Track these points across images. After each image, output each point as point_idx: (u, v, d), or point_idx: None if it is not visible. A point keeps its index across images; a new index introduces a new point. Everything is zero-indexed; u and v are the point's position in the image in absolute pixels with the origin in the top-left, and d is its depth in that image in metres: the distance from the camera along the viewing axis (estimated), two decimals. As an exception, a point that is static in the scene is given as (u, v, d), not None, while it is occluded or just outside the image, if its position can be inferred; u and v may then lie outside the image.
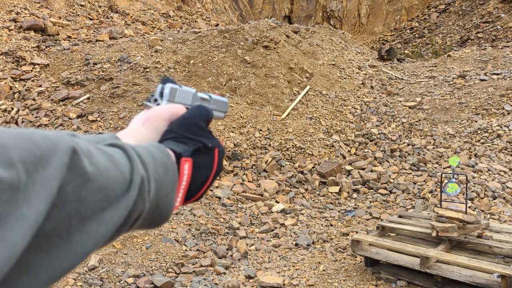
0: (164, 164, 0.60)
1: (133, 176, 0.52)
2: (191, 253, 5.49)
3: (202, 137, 0.70)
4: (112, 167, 0.50)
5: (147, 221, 0.58)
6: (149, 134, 0.71)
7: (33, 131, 0.43)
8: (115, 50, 11.39)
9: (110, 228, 0.49)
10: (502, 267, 3.96)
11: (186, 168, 0.65)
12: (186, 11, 20.81)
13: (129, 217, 0.52)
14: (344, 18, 27.58)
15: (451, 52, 14.39)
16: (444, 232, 4.57)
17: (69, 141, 0.45)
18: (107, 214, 0.48)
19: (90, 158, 0.48)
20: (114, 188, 0.49)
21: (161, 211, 0.60)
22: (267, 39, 11.57)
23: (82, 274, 4.89)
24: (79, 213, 0.45)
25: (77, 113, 9.14)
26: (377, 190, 7.78)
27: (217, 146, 0.72)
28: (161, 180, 0.58)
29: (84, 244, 0.46)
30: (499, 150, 8.09)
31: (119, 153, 0.54)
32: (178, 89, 0.79)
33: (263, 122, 9.31)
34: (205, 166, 0.69)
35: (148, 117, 0.72)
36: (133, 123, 0.73)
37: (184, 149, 0.67)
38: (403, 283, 4.63)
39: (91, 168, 0.47)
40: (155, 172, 0.57)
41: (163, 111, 0.73)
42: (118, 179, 0.50)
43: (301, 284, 4.85)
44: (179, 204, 0.65)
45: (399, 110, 10.41)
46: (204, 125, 0.72)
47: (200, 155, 0.69)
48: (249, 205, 7.03)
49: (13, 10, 13.94)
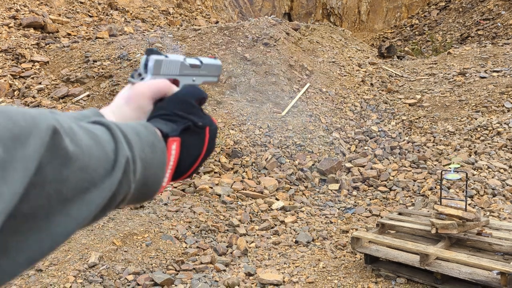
0: (150, 143, 0.58)
1: (118, 156, 0.51)
2: (191, 251, 5.50)
3: (192, 115, 0.68)
4: (95, 146, 0.48)
5: (133, 199, 0.57)
6: (133, 113, 0.68)
7: (12, 109, 0.41)
8: (115, 48, 11.38)
9: (92, 210, 0.47)
10: (501, 264, 3.96)
11: (173, 148, 0.63)
12: (186, 8, 20.77)
13: (114, 198, 0.51)
14: (344, 16, 27.54)
15: (451, 50, 14.38)
16: (444, 229, 4.57)
17: (50, 119, 0.43)
18: (90, 195, 0.47)
19: (73, 136, 0.46)
20: (97, 168, 0.47)
21: (148, 190, 0.58)
22: (267, 36, 11.55)
23: (82, 271, 4.90)
24: (61, 193, 0.43)
25: (77, 111, 9.13)
26: (377, 188, 7.78)
27: (208, 124, 0.69)
28: (147, 160, 0.57)
29: (65, 225, 0.45)
30: (499, 148, 8.09)
31: (103, 131, 0.52)
32: (164, 60, 0.74)
33: (263, 119, 9.30)
34: (195, 145, 0.67)
35: (130, 95, 0.70)
36: (117, 99, 0.70)
37: (172, 128, 0.65)
38: (403, 280, 4.64)
39: (73, 148, 0.45)
40: (141, 151, 0.56)
41: (146, 89, 0.70)
42: (101, 159, 0.48)
43: (301, 281, 4.85)
44: (166, 183, 0.63)
45: (399, 108, 10.41)
46: (194, 102, 0.70)
47: (189, 134, 0.67)
48: (249, 203, 7.04)
49: (12, 7, 13.92)
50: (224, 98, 9.91)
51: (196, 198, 6.90)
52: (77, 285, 4.68)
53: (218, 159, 7.99)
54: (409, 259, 4.58)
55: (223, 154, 8.12)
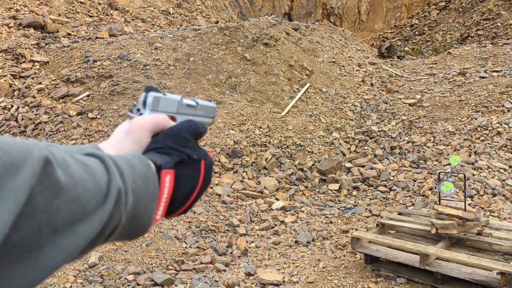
0: (143, 175, 0.58)
1: (110, 188, 0.50)
2: (191, 251, 5.50)
3: (187, 148, 0.68)
4: (88, 177, 0.48)
5: (124, 232, 0.56)
6: (131, 146, 0.68)
7: (5, 139, 0.42)
8: (115, 48, 11.38)
9: (82, 241, 0.47)
10: (501, 264, 3.96)
11: (167, 180, 0.63)
12: (186, 8, 20.77)
13: (104, 230, 0.50)
14: (344, 15, 27.54)
15: (451, 50, 14.38)
16: (444, 229, 4.57)
17: (42, 150, 0.44)
18: (80, 226, 0.46)
19: (66, 168, 0.46)
20: (89, 200, 0.48)
21: (139, 223, 0.58)
22: (267, 36, 11.55)
23: (82, 271, 4.90)
24: (51, 225, 0.43)
25: (77, 111, 9.13)
26: (377, 188, 7.78)
27: (203, 157, 0.69)
28: (139, 192, 0.56)
29: (54, 257, 0.44)
30: (499, 148, 8.09)
31: (97, 163, 0.52)
32: (162, 98, 0.76)
33: (263, 119, 9.30)
34: (190, 178, 0.67)
35: (130, 129, 0.70)
36: (115, 134, 0.71)
37: (166, 160, 0.65)
38: (403, 280, 4.64)
39: (65, 179, 0.45)
40: (133, 183, 0.55)
41: (145, 122, 0.70)
42: (94, 191, 0.48)
43: (301, 281, 4.85)
44: (160, 217, 0.63)
45: (399, 108, 10.41)
46: (189, 136, 0.70)
47: (184, 167, 0.66)
48: (249, 203, 7.04)
49: (12, 7, 13.92)
50: (224, 98, 9.92)
51: (196, 198, 6.89)
52: (77, 285, 4.68)
53: (218, 159, 7.99)
54: (409, 259, 4.58)
55: (223, 154, 8.12)
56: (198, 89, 10.04)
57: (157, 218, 0.62)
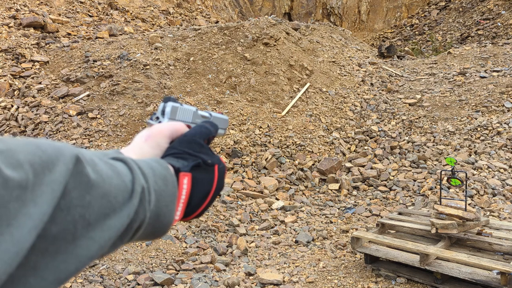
0: (163, 176, 0.62)
1: (134, 186, 0.55)
2: (191, 250, 5.50)
3: (201, 154, 0.72)
4: (114, 176, 0.53)
5: (149, 231, 0.60)
6: (151, 151, 0.72)
7: (41, 140, 0.47)
8: (115, 47, 11.37)
9: (113, 234, 0.51)
10: (501, 264, 3.96)
11: (185, 182, 0.67)
12: (186, 8, 20.77)
13: (131, 225, 0.54)
14: (344, 15, 27.54)
15: (451, 49, 14.37)
16: (444, 229, 4.57)
17: (73, 150, 0.48)
18: (110, 220, 0.50)
19: (94, 166, 0.50)
20: (117, 196, 0.52)
21: (161, 221, 0.61)
22: (267, 36, 11.55)
23: (82, 271, 4.90)
24: (84, 218, 0.47)
25: (77, 110, 9.13)
26: (377, 187, 7.78)
27: (217, 162, 0.73)
28: (160, 191, 0.60)
29: (89, 248, 0.48)
30: (499, 147, 8.09)
31: (121, 165, 0.57)
32: (180, 107, 0.82)
33: (263, 119, 9.30)
34: (205, 181, 0.71)
35: (150, 134, 0.74)
36: (136, 139, 0.75)
37: (183, 164, 0.69)
38: (403, 280, 4.64)
39: (94, 176, 0.49)
40: (154, 183, 0.59)
41: (165, 128, 0.75)
42: (120, 188, 0.53)
43: (301, 281, 4.85)
44: (179, 218, 0.67)
45: (399, 107, 10.41)
46: (203, 142, 0.74)
47: (199, 171, 0.70)
48: (249, 202, 7.04)
49: (12, 7, 13.92)
50: (224, 97, 9.92)
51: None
52: (77, 284, 4.68)
53: (218, 159, 7.99)
54: (409, 259, 4.58)
55: (223, 154, 8.12)
56: (198, 89, 10.04)
57: (176, 219, 0.66)
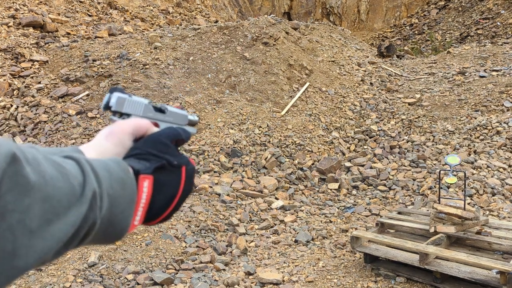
0: (121, 180, 0.57)
1: (85, 190, 0.50)
2: (190, 250, 5.50)
3: (167, 154, 0.67)
4: (61, 178, 0.48)
5: (99, 236, 0.55)
6: (113, 148, 0.68)
7: None
8: (114, 47, 11.37)
9: (55, 243, 0.46)
10: (501, 263, 3.96)
11: (145, 185, 0.62)
12: (185, 7, 20.76)
13: (78, 232, 0.49)
14: (344, 15, 27.53)
15: (450, 49, 14.38)
16: (443, 229, 4.58)
17: (10, 147, 0.43)
18: (53, 227, 0.45)
19: (36, 166, 0.45)
20: (61, 199, 0.47)
21: (115, 228, 0.57)
22: (266, 35, 11.55)
23: (82, 271, 4.90)
24: (24, 224, 0.42)
25: (77, 110, 9.13)
26: (376, 187, 7.79)
27: (184, 164, 0.68)
28: (116, 196, 0.56)
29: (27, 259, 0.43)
30: (499, 147, 8.10)
31: (72, 164, 0.52)
32: (127, 99, 0.75)
33: (262, 118, 9.30)
34: (170, 184, 0.66)
35: (111, 131, 0.70)
36: (97, 136, 0.70)
37: (144, 166, 0.64)
38: (402, 279, 4.64)
39: (34, 177, 0.44)
40: (109, 187, 0.55)
41: (126, 125, 0.70)
42: (66, 191, 0.48)
43: (300, 280, 4.85)
44: (138, 223, 0.62)
45: (399, 107, 10.41)
46: (170, 143, 0.69)
47: (164, 173, 0.65)
48: (249, 202, 7.04)
49: (12, 6, 13.90)
50: (224, 97, 9.91)
51: (195, 198, 6.89)
52: (76, 284, 4.68)
53: (218, 158, 8.00)
54: (408, 258, 4.58)
55: (222, 153, 8.12)
56: (197, 89, 10.04)
57: (134, 224, 0.61)
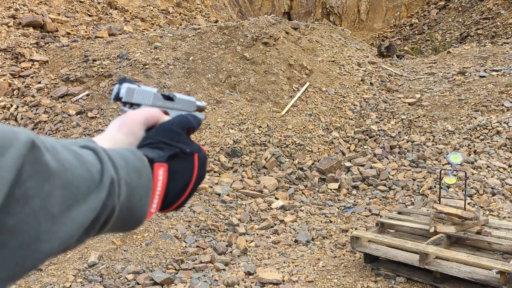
0: (137, 168, 0.58)
1: (103, 178, 0.51)
2: (190, 250, 5.50)
3: (179, 143, 0.68)
4: (78, 165, 0.48)
5: (118, 224, 0.56)
6: (125, 139, 0.68)
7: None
8: (114, 47, 11.37)
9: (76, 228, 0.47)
10: (501, 263, 3.96)
11: (160, 173, 0.63)
12: (185, 7, 20.75)
13: (98, 218, 0.50)
14: (344, 15, 27.53)
15: (450, 49, 14.38)
16: (443, 229, 4.58)
17: (29, 135, 0.44)
18: (73, 212, 0.46)
19: (55, 154, 0.46)
20: (80, 186, 0.47)
21: (133, 216, 0.58)
22: (266, 35, 11.54)
23: (82, 271, 4.90)
24: (47, 210, 0.43)
25: (77, 110, 9.13)
26: (376, 187, 7.79)
27: (197, 151, 0.69)
28: (133, 184, 0.56)
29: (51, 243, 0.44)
30: (499, 147, 8.10)
31: (89, 153, 0.52)
32: (136, 89, 0.76)
33: (262, 118, 9.30)
34: (184, 172, 0.67)
35: (122, 122, 0.71)
36: (109, 128, 0.71)
37: (158, 154, 0.65)
38: (402, 279, 4.64)
39: (54, 164, 0.45)
40: (127, 175, 0.55)
41: (137, 115, 0.71)
42: (84, 178, 0.48)
43: (300, 280, 4.85)
44: (155, 210, 0.63)
45: (399, 107, 10.41)
46: (181, 131, 0.70)
47: (177, 161, 0.66)
48: (249, 202, 7.04)
49: (12, 6, 13.90)
50: (224, 97, 9.91)
51: (195, 197, 6.89)
52: (76, 284, 4.68)
53: (218, 158, 7.99)
54: (408, 258, 4.58)
55: (222, 153, 8.12)
56: (197, 88, 10.04)
57: (151, 212, 0.62)
